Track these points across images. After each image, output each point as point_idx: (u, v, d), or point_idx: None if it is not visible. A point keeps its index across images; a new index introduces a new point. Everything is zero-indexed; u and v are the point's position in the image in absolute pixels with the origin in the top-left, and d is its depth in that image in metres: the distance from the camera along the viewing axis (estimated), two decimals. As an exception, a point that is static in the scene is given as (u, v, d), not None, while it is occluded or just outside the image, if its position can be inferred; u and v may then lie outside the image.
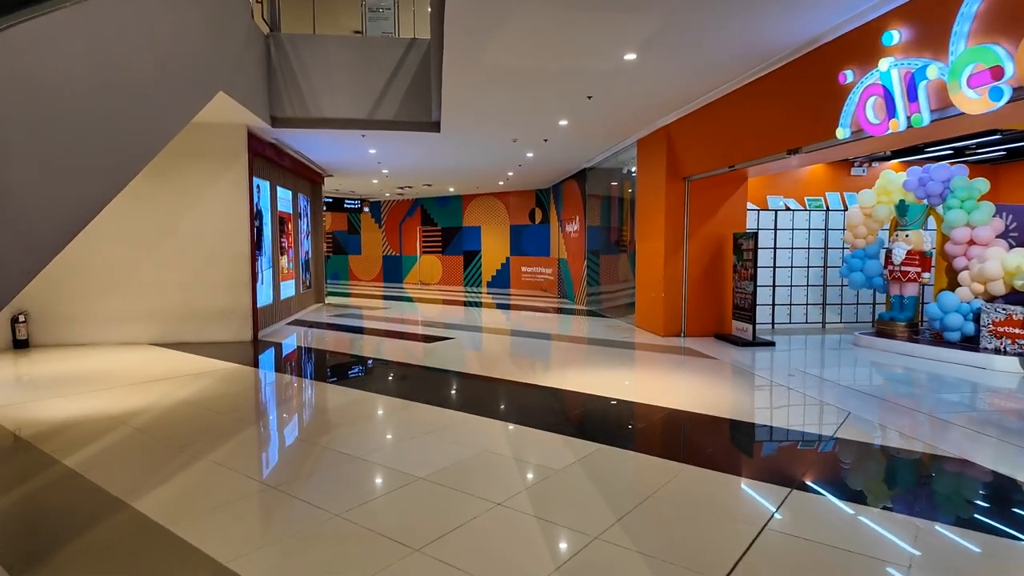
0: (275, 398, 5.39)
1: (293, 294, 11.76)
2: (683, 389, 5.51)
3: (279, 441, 4.15)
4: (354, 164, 12.48)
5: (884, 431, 4.30)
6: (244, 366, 6.69)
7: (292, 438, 4.20)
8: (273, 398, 5.37)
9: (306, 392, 5.68)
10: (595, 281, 12.86)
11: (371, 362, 7.09)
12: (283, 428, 4.47)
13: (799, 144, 5.99)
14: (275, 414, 4.91)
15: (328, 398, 5.42)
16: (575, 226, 13.77)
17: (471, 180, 15.60)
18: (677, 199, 8.55)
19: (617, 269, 12.65)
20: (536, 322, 10.75)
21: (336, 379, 6.26)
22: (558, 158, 11.82)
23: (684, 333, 8.65)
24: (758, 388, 5.74)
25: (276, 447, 4.05)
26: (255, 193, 9.37)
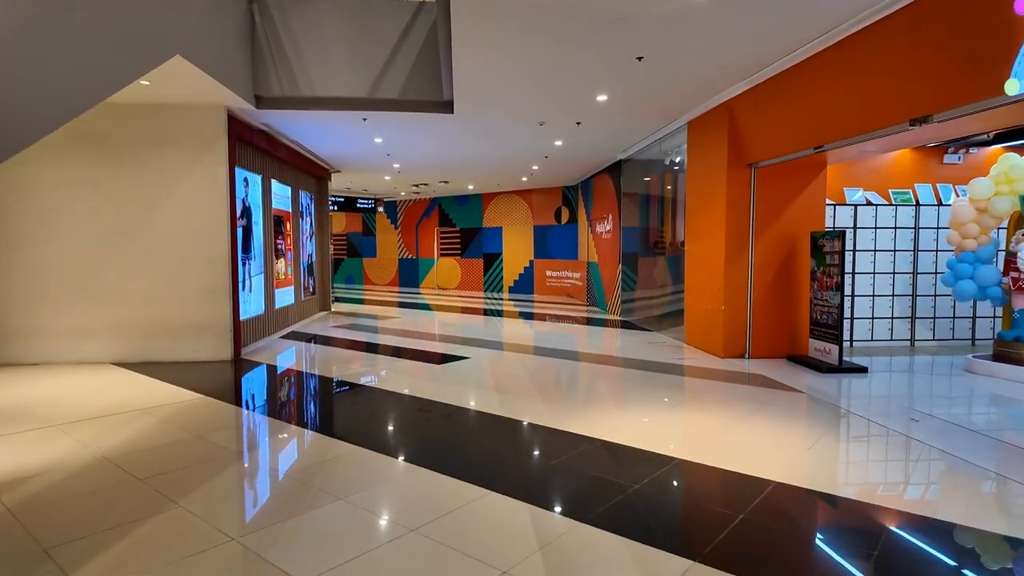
0: (223, 453, 4.04)
1: (292, 302, 10.49)
2: (779, 445, 4.01)
3: (200, 536, 2.78)
4: (361, 157, 11.18)
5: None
6: (208, 398, 5.37)
7: (221, 538, 2.82)
8: (221, 453, 4.02)
9: (268, 444, 4.32)
10: (631, 288, 11.35)
11: (365, 394, 5.72)
12: (214, 511, 3.10)
13: (929, 110, 4.45)
14: (212, 483, 3.55)
15: (294, 456, 4.05)
16: (607, 226, 12.29)
17: (491, 176, 14.22)
18: (741, 190, 7.03)
19: (659, 275, 11.12)
20: (565, 336, 9.29)
21: (314, 421, 4.89)
22: (591, 147, 10.35)
23: (749, 354, 7.11)
24: (875, 439, 4.21)
25: (195, 545, 2.68)
26: (242, 187, 8.10)
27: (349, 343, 8.73)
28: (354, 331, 9.87)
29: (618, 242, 11.54)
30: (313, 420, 4.84)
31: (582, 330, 10.08)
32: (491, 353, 7.62)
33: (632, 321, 10.78)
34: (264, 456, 3.93)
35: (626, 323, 10.62)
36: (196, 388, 5.72)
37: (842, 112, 5.37)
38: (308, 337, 9.24)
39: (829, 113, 5.54)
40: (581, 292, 15.11)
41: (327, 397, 5.68)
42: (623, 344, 8.33)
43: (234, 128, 7.39)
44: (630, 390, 5.60)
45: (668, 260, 10.96)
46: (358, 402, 5.40)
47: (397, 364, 7.00)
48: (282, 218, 10.01)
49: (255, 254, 8.60)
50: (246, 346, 8.02)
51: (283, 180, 10.06)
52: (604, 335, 9.44)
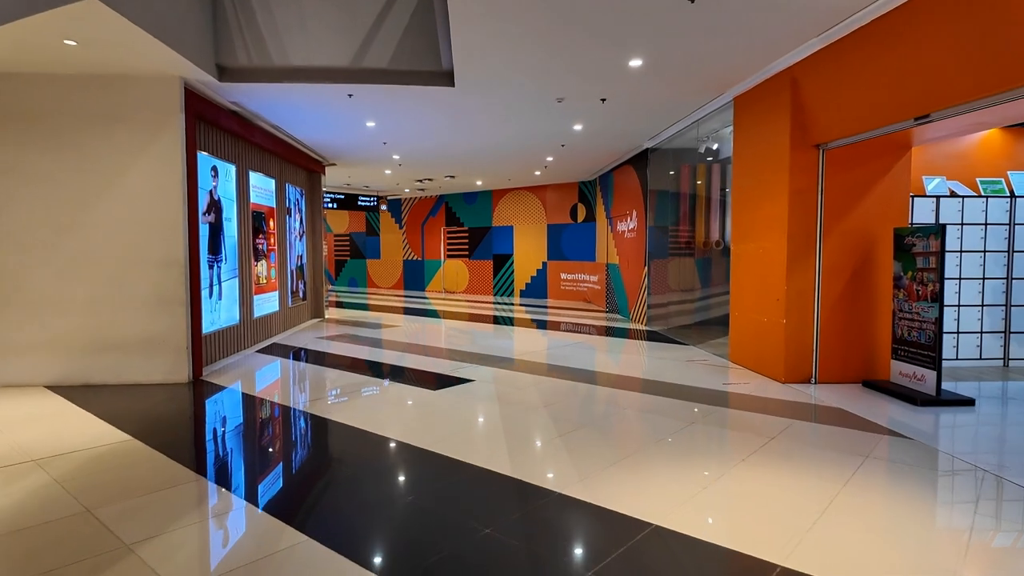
0: (109, 545, 2.83)
1: (276, 309, 9.30)
2: (931, 540, 2.71)
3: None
4: (354, 146, 9.97)
5: None
6: (135, 441, 4.16)
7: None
8: (105, 544, 2.81)
9: (180, 531, 3.09)
10: (660, 294, 10.04)
11: (335, 438, 4.49)
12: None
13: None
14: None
15: (219, 551, 2.82)
16: (631, 224, 10.99)
17: (501, 170, 12.97)
18: (806, 178, 5.72)
19: (694, 279, 9.82)
20: (585, 350, 8.01)
21: (257, 489, 3.67)
22: (615, 133, 9.06)
23: (816, 379, 5.79)
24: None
25: None
26: (208, 177, 6.92)
27: (335, 360, 7.51)
28: (345, 343, 8.66)
29: (644, 242, 10.23)
30: (256, 486, 3.61)
31: (604, 343, 8.79)
32: (499, 374, 6.37)
33: (661, 332, 9.46)
34: (166, 550, 2.70)
35: (654, 334, 9.31)
36: (127, 425, 4.52)
37: (959, 66, 4.05)
38: (290, 351, 8.03)
39: (938, 70, 4.22)
40: (599, 297, 13.82)
41: (286, 444, 4.46)
42: (656, 362, 7.03)
43: (194, 105, 6.20)
44: (680, 432, 4.31)
45: (705, 262, 9.67)
46: (323, 454, 4.17)
47: (386, 391, 5.76)
48: (264, 214, 8.83)
49: (226, 255, 7.42)
50: (212, 363, 6.83)
51: (265, 171, 8.88)
52: (631, 350, 8.14)
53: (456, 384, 5.84)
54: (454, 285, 18.03)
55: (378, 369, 6.80)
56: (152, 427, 4.52)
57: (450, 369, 6.57)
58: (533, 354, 7.58)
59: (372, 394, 5.53)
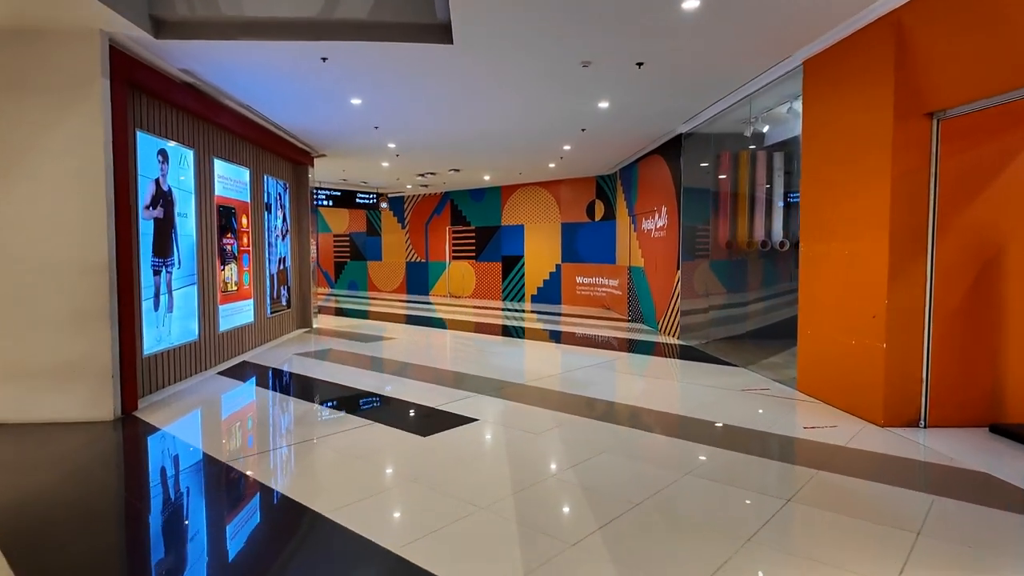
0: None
1: (250, 321, 8.02)
2: None
3: None
4: (341, 130, 8.67)
5: None
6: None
7: None
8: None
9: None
10: (698, 303, 8.66)
11: (276, 530, 3.17)
12: None
13: None
14: None
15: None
16: (660, 221, 9.61)
17: (511, 161, 11.63)
18: (914, 157, 4.34)
19: (740, 285, 8.48)
20: (611, 373, 6.65)
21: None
22: (646, 113, 7.69)
23: (925, 420, 4.40)
24: None
25: None
26: (154, 162, 5.66)
27: (309, 385, 6.21)
28: (327, 362, 7.35)
29: (676, 242, 8.85)
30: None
31: (632, 362, 7.41)
32: (510, 409, 5.02)
33: (698, 348, 8.07)
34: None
35: (690, 351, 7.92)
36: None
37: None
38: (259, 373, 6.74)
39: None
40: (620, 304, 12.43)
41: (217, 523, 3.14)
42: (703, 392, 5.65)
43: (125, 70, 4.91)
44: (776, 519, 2.94)
45: (753, 266, 8.30)
46: (242, 559, 2.84)
47: (360, 436, 4.42)
48: (234, 210, 7.55)
49: (179, 258, 6.14)
50: (157, 391, 5.54)
51: (236, 160, 7.59)
52: (667, 372, 6.76)
53: (454, 426, 4.50)
54: (460, 289, 16.71)
55: (358, 400, 5.47)
56: (31, 500, 3.22)
57: (449, 400, 5.23)
58: (550, 378, 6.22)
59: (340, 443, 4.20)
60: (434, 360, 7.53)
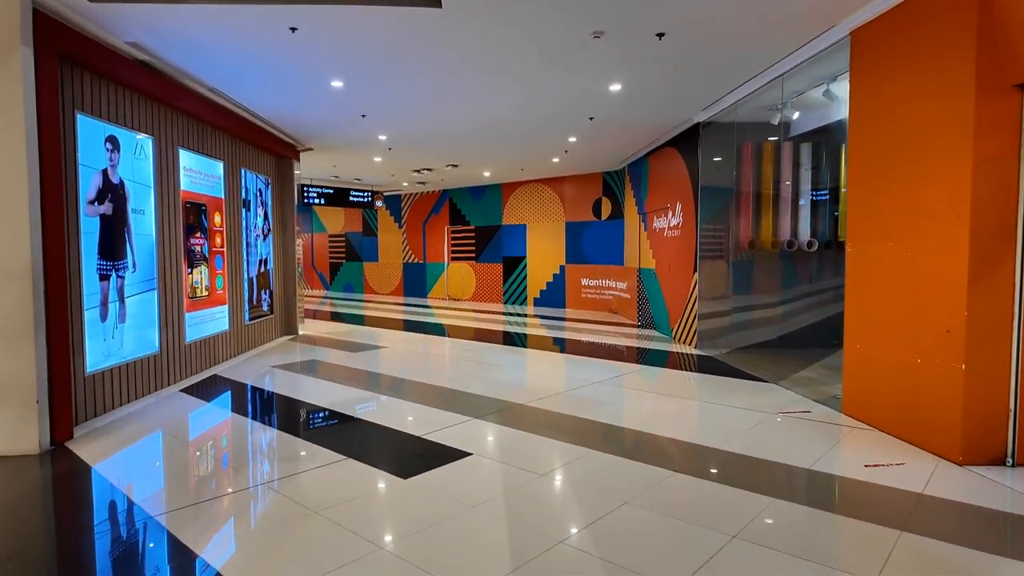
0: None
1: (224, 329, 7.27)
2: None
3: None
4: (324, 119, 7.92)
5: None
6: None
7: None
8: None
9: None
10: (719, 309, 7.90)
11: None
12: None
13: None
14: None
15: None
16: (674, 219, 8.85)
17: (512, 156, 10.87)
18: (1000, 139, 3.58)
19: (768, 289, 7.73)
20: (624, 391, 5.89)
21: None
22: (662, 96, 6.93)
23: (1014, 457, 3.63)
24: None
25: None
26: (99, 150, 4.92)
27: (281, 406, 5.47)
28: (305, 377, 6.61)
29: (693, 242, 8.08)
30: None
31: (647, 376, 6.65)
32: (509, 438, 4.27)
33: (719, 359, 7.31)
34: None
35: (710, 362, 7.16)
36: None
37: None
38: (227, 389, 5.99)
39: None
40: (628, 308, 11.67)
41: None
42: (733, 415, 4.89)
43: (53, 39, 4.17)
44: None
45: (783, 268, 7.55)
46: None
47: (331, 477, 3.66)
48: (204, 207, 6.81)
49: (135, 261, 5.40)
50: (102, 415, 4.79)
51: (206, 151, 6.85)
52: (688, 389, 5.99)
53: (443, 461, 3.74)
54: (459, 292, 15.96)
55: (334, 426, 4.72)
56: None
57: (439, 427, 4.47)
58: (556, 397, 5.46)
59: (302, 488, 3.44)
60: (428, 374, 6.78)
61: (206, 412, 5.20)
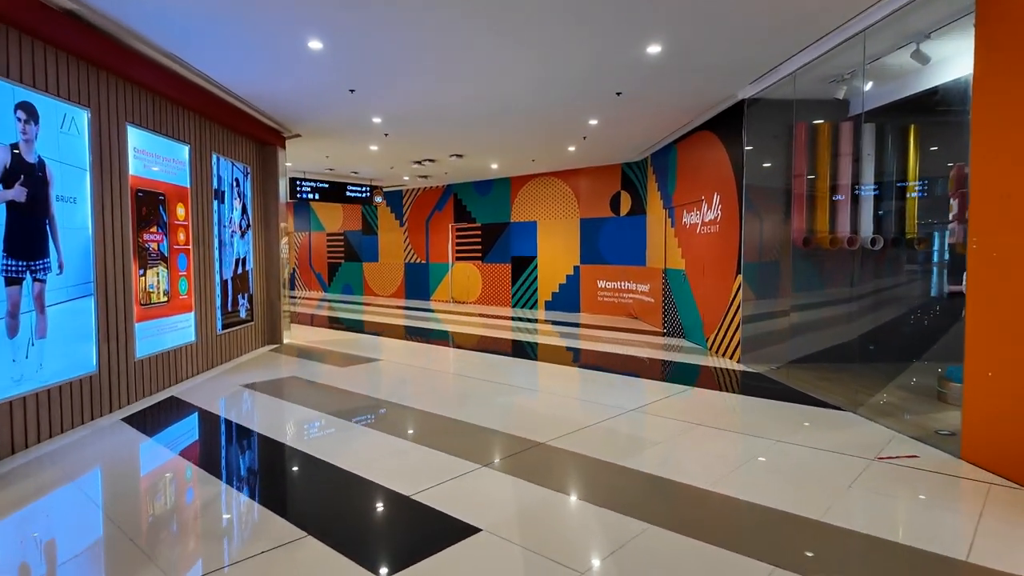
0: None
1: (189, 340, 6.23)
2: None
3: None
4: (307, 94, 6.85)
5: None
6: None
7: None
8: None
9: None
10: (770, 318, 6.79)
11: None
12: None
13: None
14: None
15: None
16: (709, 213, 7.74)
17: (523, 143, 9.79)
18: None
19: (827, 295, 6.65)
20: (665, 419, 4.78)
21: None
22: (705, 63, 5.83)
23: None
24: None
25: None
26: (16, 124, 3.89)
27: (236, 444, 4.41)
28: (277, 401, 5.54)
29: (736, 238, 6.97)
30: None
31: (693, 401, 5.53)
32: (529, 500, 3.19)
33: (772, 376, 6.19)
34: None
35: (761, 381, 6.04)
36: None
37: None
38: (177, 418, 4.93)
39: None
40: (651, 313, 10.56)
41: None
42: (822, 463, 3.77)
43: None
44: None
45: (855, 270, 6.46)
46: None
47: (275, 572, 2.60)
48: (163, 197, 5.76)
49: (60, 260, 4.34)
50: (6, 457, 3.74)
51: (164, 131, 5.80)
52: (749, 419, 4.87)
53: (440, 544, 2.66)
54: (464, 294, 14.88)
55: (296, 482, 3.65)
56: None
57: (436, 481, 3.39)
58: (584, 433, 4.36)
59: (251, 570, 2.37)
60: (426, 396, 5.71)
61: (143, 452, 4.13)
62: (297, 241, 19.66)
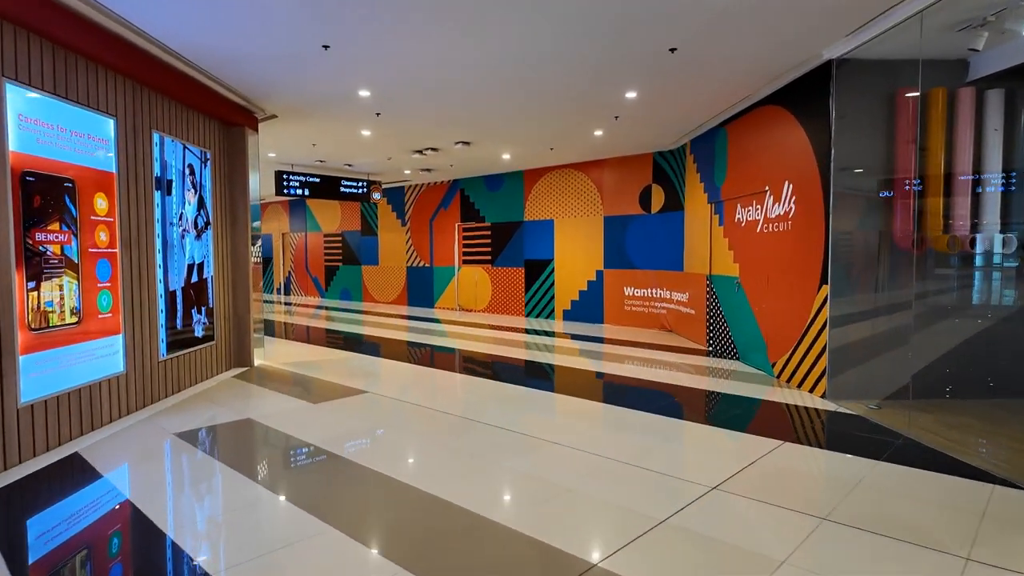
0: None
1: (118, 371, 4.78)
2: None
3: None
4: (265, 47, 5.40)
5: None
6: None
7: None
8: None
9: None
10: (866, 339, 5.27)
11: None
12: None
13: None
14: None
15: None
16: (777, 207, 6.21)
17: (542, 126, 8.31)
18: None
19: (955, 311, 5.14)
20: (779, 514, 3.27)
21: None
22: (794, 8, 4.31)
23: None
24: None
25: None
26: None
27: (126, 549, 2.94)
28: (207, 462, 4.08)
29: (820, 238, 5.43)
30: None
31: (793, 466, 3.99)
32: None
33: (881, 423, 4.65)
34: None
35: (865, 427, 4.51)
36: None
37: None
38: (64, 491, 3.48)
39: None
40: (690, 326, 9.05)
41: None
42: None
43: None
44: None
45: (960, 278, 4.91)
46: None
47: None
48: (69, 183, 4.32)
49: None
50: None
51: (73, 97, 4.37)
52: (887, 510, 3.33)
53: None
54: (471, 301, 13.41)
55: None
56: None
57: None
58: (655, 544, 2.85)
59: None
60: (418, 461, 4.23)
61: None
62: (293, 243, 18.29)
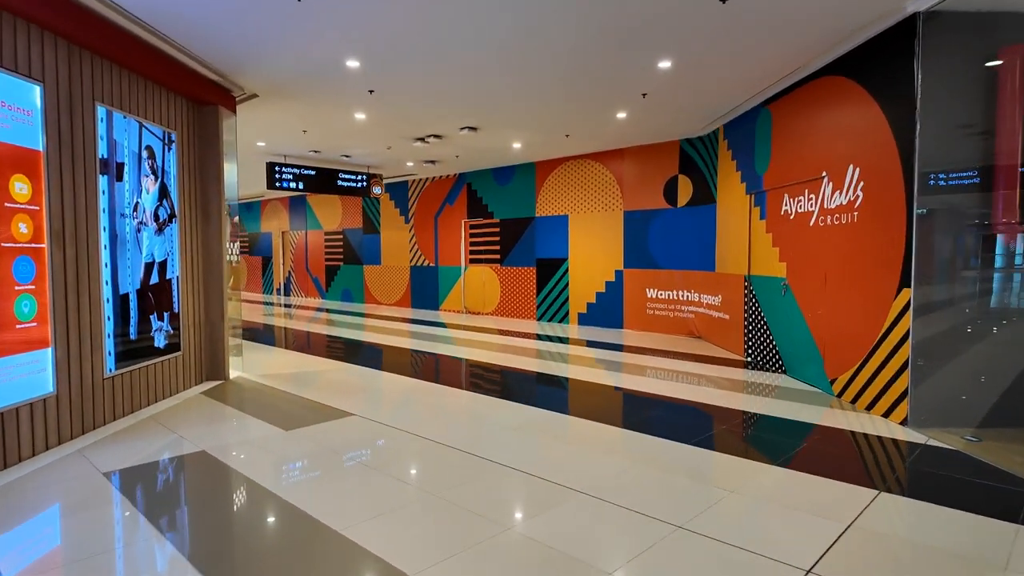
0: None
1: (47, 392, 3.91)
2: None
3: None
4: (250, 14, 4.52)
5: None
6: None
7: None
8: None
9: None
10: (961, 354, 4.30)
11: None
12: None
13: None
14: None
15: None
16: (840, 196, 5.24)
17: (559, 108, 7.39)
18: None
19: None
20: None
21: None
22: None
23: None
24: None
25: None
26: None
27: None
28: (132, 518, 3.20)
29: (902, 231, 4.47)
30: None
31: (906, 535, 3.05)
32: None
33: (987, 461, 3.69)
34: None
35: (968, 467, 3.56)
36: None
37: None
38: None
39: None
40: (724, 333, 8.09)
41: None
42: None
43: None
44: None
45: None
46: None
47: None
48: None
49: None
50: None
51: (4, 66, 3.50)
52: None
53: None
54: (478, 304, 12.51)
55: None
56: None
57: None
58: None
59: None
60: (406, 526, 3.33)
61: None
62: (293, 242, 17.50)
